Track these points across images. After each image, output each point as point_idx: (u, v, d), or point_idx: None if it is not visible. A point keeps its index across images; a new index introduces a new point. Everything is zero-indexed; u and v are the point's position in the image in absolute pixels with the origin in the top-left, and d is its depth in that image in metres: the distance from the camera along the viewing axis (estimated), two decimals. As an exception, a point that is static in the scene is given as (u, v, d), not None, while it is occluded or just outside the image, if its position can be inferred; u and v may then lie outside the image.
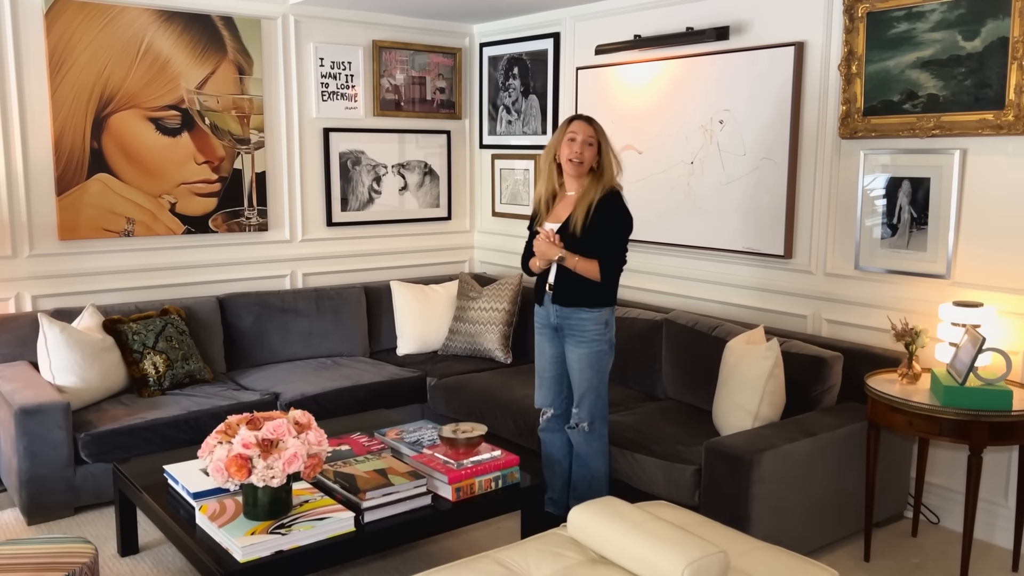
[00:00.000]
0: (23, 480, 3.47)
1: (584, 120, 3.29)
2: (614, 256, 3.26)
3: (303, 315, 4.74)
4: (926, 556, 3.35)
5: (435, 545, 3.39)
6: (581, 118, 3.30)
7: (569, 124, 3.30)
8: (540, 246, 3.27)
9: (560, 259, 3.22)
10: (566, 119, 3.36)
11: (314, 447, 2.62)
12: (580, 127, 3.27)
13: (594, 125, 3.29)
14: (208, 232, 4.66)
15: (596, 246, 3.22)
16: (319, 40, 4.95)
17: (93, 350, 3.86)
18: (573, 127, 3.28)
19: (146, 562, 3.24)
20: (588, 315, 3.27)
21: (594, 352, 3.29)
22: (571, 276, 3.25)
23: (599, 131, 3.29)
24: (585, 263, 3.21)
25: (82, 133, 4.22)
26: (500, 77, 5.43)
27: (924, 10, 3.41)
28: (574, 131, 3.27)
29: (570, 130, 3.28)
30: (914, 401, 3.02)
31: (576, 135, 3.26)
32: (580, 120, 3.29)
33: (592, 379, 3.30)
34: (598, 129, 3.29)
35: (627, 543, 2.26)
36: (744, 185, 4.12)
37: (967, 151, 3.38)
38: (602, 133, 3.30)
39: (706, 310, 4.33)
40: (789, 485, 3.12)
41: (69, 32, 4.13)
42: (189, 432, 3.76)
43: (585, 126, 3.27)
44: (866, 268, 3.72)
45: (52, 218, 4.20)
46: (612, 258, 3.25)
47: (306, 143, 4.99)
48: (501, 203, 5.57)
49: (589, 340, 3.28)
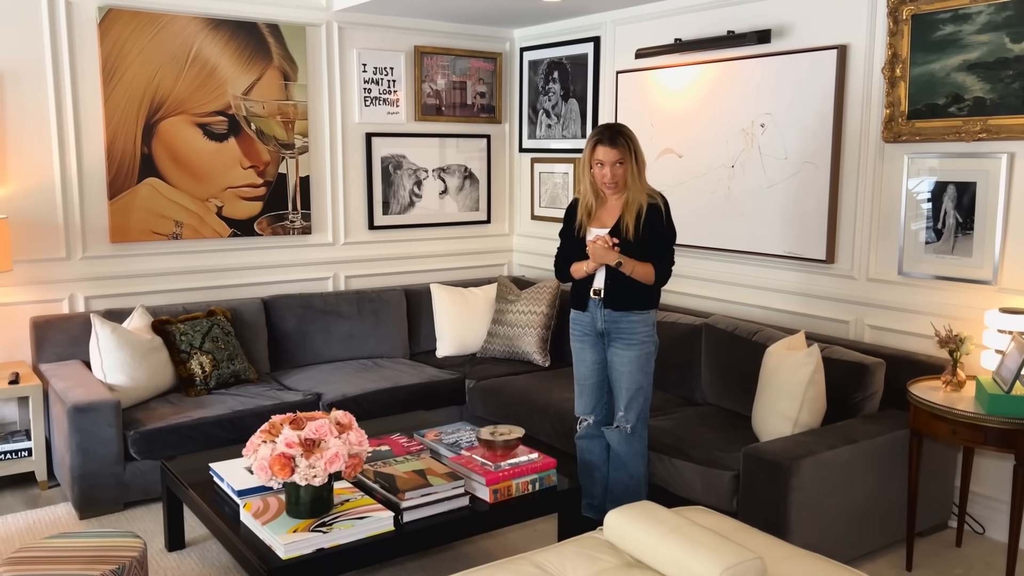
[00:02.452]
0: (75, 475, 3.58)
1: (607, 143, 3.21)
2: (668, 259, 3.31)
3: (345, 317, 4.81)
4: (970, 567, 3.29)
5: (472, 546, 3.42)
6: (603, 140, 3.22)
7: (593, 150, 3.24)
8: (598, 251, 3.24)
9: (618, 264, 3.24)
10: (591, 137, 3.28)
11: (355, 447, 2.67)
12: (604, 153, 3.21)
13: (617, 145, 3.21)
14: (253, 235, 4.76)
15: (649, 250, 3.25)
16: (362, 46, 5.02)
17: (142, 350, 3.97)
18: (598, 154, 3.23)
19: (192, 557, 3.32)
20: (638, 317, 3.29)
21: (644, 354, 3.32)
22: (622, 280, 3.26)
23: (622, 148, 3.21)
24: (642, 267, 3.24)
25: (133, 139, 4.34)
26: (540, 81, 5.46)
27: (971, 12, 3.36)
28: (600, 159, 3.23)
29: (596, 158, 3.24)
30: (958, 409, 2.97)
31: (603, 162, 3.23)
32: (602, 145, 3.21)
33: (641, 381, 3.33)
34: (621, 146, 3.21)
35: (663, 547, 2.27)
36: (785, 189, 4.09)
37: (1015, 155, 3.32)
38: (626, 148, 3.21)
39: (746, 315, 4.30)
40: (829, 492, 3.09)
41: (121, 41, 4.25)
42: (233, 431, 3.85)
43: (608, 150, 3.20)
44: (910, 273, 3.67)
45: (104, 221, 4.33)
46: (666, 261, 3.30)
47: (349, 148, 5.07)
48: (540, 207, 5.59)
49: (640, 342, 3.30)
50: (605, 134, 3.24)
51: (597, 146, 3.24)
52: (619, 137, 3.23)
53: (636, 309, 3.29)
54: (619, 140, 3.22)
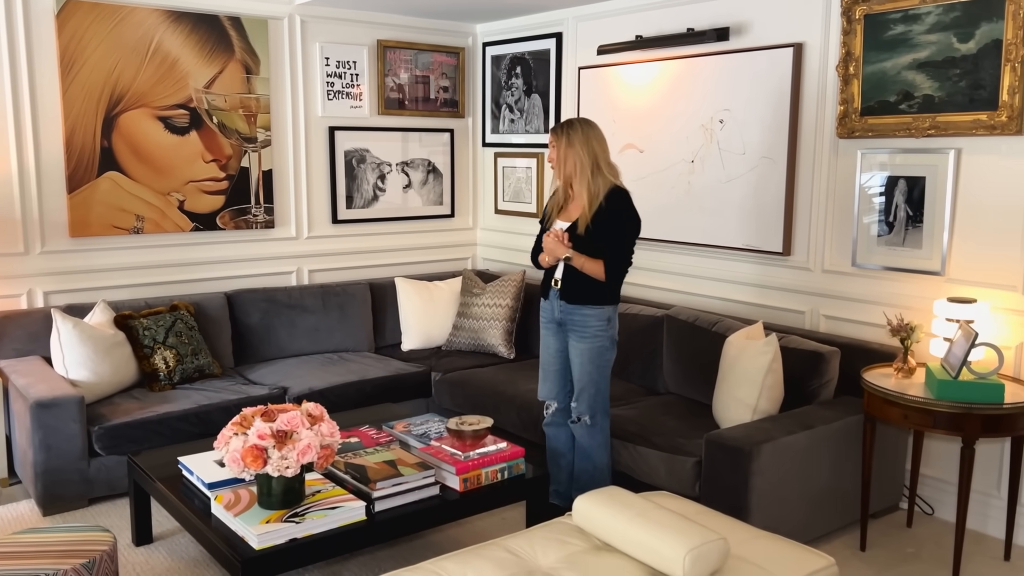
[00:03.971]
0: (38, 472, 3.54)
1: (553, 130, 3.41)
2: (619, 257, 3.33)
3: (309, 311, 4.81)
4: (920, 546, 3.43)
5: (442, 534, 3.47)
6: (554, 128, 3.42)
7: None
8: (549, 244, 3.35)
9: (567, 258, 3.31)
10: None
11: (327, 438, 2.69)
12: (550, 138, 3.42)
13: (553, 131, 3.40)
14: (216, 229, 4.73)
15: (602, 246, 3.30)
16: (325, 40, 5.02)
17: (105, 345, 3.94)
18: (550, 138, 3.43)
19: (161, 551, 3.32)
20: (591, 312, 3.35)
21: (595, 348, 3.37)
22: (577, 273, 3.33)
23: (556, 133, 3.37)
24: (591, 263, 3.29)
25: (92, 132, 4.29)
26: (503, 76, 5.50)
27: (920, 12, 3.48)
28: (551, 143, 3.43)
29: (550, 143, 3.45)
30: (909, 395, 3.10)
31: (551, 146, 3.42)
32: (551, 131, 3.42)
33: (592, 374, 3.38)
34: (556, 132, 3.38)
35: (631, 530, 2.34)
36: (744, 184, 4.19)
37: (961, 151, 3.46)
38: (560, 133, 3.36)
39: (706, 306, 4.40)
40: (787, 476, 3.20)
41: (80, 32, 4.19)
42: (199, 425, 3.84)
43: (551, 136, 3.41)
44: (863, 265, 3.80)
45: (63, 215, 4.27)
46: (617, 259, 3.32)
47: (312, 141, 5.06)
48: (504, 201, 5.64)
49: (591, 336, 3.36)
50: (556, 125, 3.45)
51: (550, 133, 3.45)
52: (559, 125, 3.41)
53: (589, 303, 3.35)
54: (557, 127, 3.40)
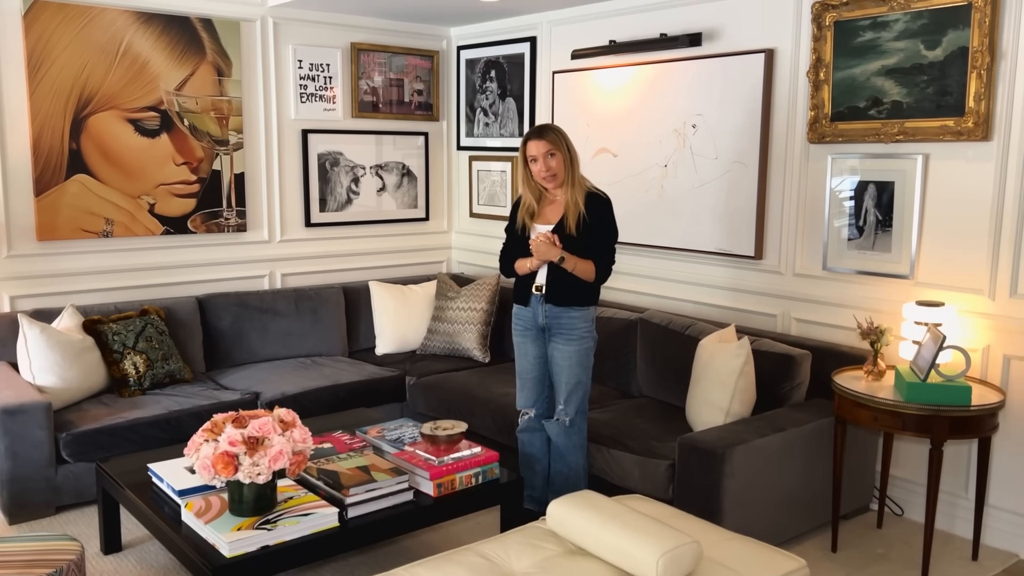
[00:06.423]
0: (4, 480, 3.48)
1: (535, 137, 3.31)
2: (608, 257, 3.38)
3: (282, 315, 4.77)
4: (890, 547, 3.47)
5: (416, 540, 3.45)
6: (532, 136, 3.32)
7: (525, 147, 3.33)
8: (541, 248, 3.30)
9: (560, 260, 3.30)
10: (522, 139, 3.37)
11: (299, 444, 2.67)
12: (535, 147, 3.31)
13: (545, 137, 3.30)
14: (187, 233, 4.68)
15: (591, 247, 3.32)
16: (297, 42, 4.99)
17: (73, 351, 3.88)
18: (530, 150, 3.32)
19: (130, 560, 3.27)
20: (578, 313, 3.37)
21: (583, 349, 3.39)
22: (563, 276, 3.33)
23: (551, 139, 3.30)
24: (583, 264, 3.31)
25: (60, 134, 4.23)
26: (477, 80, 5.50)
27: (888, 20, 3.53)
28: (532, 154, 3.32)
29: (529, 154, 3.33)
30: (879, 397, 3.13)
31: (535, 155, 3.31)
32: (532, 140, 3.32)
33: (580, 375, 3.40)
34: (549, 138, 3.30)
35: (604, 535, 2.34)
36: (716, 188, 4.23)
37: (929, 156, 3.51)
38: (556, 139, 3.31)
39: (679, 309, 4.43)
40: (759, 479, 3.22)
41: (48, 33, 4.13)
42: (170, 431, 3.79)
43: (537, 143, 3.30)
44: (833, 269, 3.84)
45: (30, 219, 4.20)
46: (607, 259, 3.37)
47: (285, 144, 5.03)
48: (478, 204, 5.64)
49: (578, 338, 3.37)
50: (533, 131, 3.35)
51: (527, 143, 3.34)
52: (546, 131, 3.33)
53: (576, 305, 3.37)
54: (547, 133, 3.32)
